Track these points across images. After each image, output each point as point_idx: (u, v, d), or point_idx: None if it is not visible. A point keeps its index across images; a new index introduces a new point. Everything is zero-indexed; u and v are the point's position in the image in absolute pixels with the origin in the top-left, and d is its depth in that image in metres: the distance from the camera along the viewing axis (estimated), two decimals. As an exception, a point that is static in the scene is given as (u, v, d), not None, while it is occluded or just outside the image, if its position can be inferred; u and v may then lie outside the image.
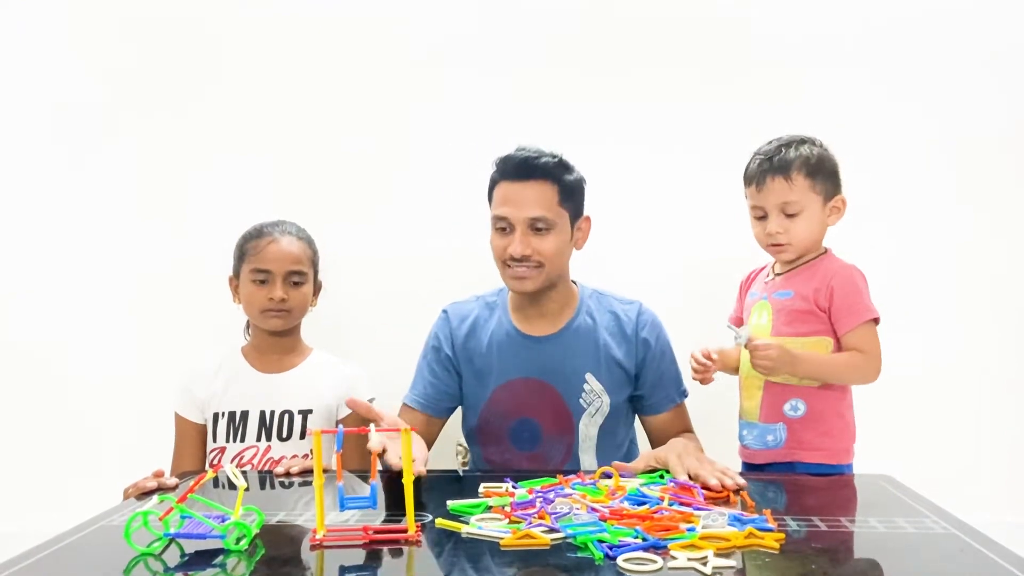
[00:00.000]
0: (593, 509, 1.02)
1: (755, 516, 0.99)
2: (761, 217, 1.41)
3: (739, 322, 1.53)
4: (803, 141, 1.39)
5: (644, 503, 1.06)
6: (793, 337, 1.37)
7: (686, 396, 1.58)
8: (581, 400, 1.51)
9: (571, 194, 1.49)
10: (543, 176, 1.45)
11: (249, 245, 1.59)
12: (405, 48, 2.04)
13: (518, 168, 1.45)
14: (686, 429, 1.56)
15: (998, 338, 2.01)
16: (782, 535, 0.92)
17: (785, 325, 1.39)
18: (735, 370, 1.49)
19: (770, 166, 1.37)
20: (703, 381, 1.44)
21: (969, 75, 2.00)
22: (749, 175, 1.41)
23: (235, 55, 2.05)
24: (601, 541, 0.90)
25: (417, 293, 1.85)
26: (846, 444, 1.39)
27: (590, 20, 2.03)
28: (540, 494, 1.11)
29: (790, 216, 1.37)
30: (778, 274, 1.45)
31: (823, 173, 1.38)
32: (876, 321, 1.36)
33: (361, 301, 1.99)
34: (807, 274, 1.40)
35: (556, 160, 1.46)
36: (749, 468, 1.45)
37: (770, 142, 1.41)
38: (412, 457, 0.98)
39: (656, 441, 1.57)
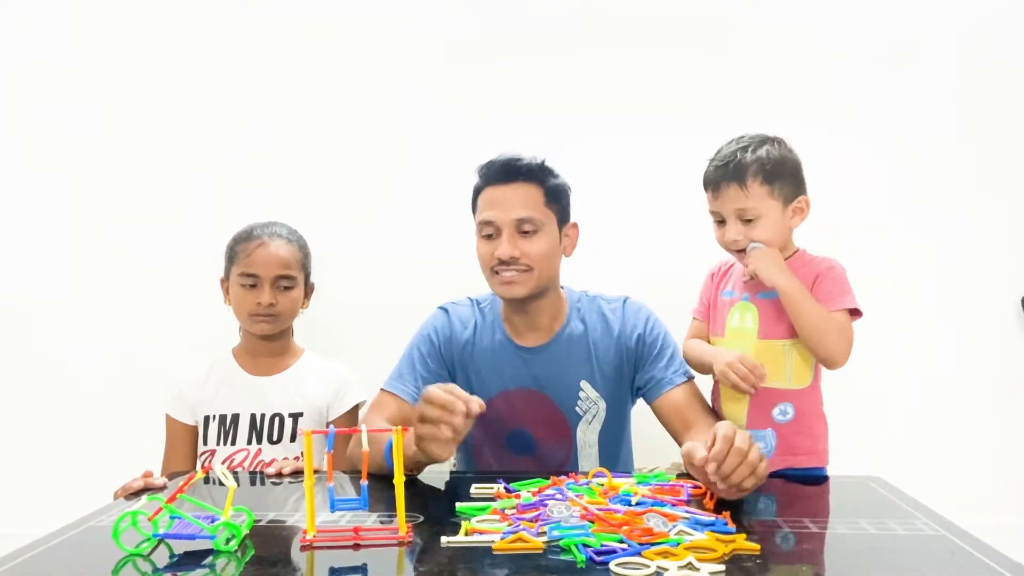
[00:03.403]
0: (591, 513, 1.01)
1: (715, 518, 0.99)
2: (720, 222, 1.36)
3: (705, 314, 1.48)
4: (762, 142, 1.33)
5: (629, 504, 1.06)
6: (779, 340, 1.34)
7: (691, 377, 1.47)
8: (577, 408, 1.49)
9: (556, 197, 1.47)
10: (527, 178, 1.44)
11: (239, 248, 1.58)
12: (405, 48, 2.04)
13: (501, 171, 1.44)
14: (702, 409, 1.43)
15: (995, 342, 2.02)
16: (757, 546, 0.90)
17: (773, 325, 1.35)
18: (709, 368, 1.42)
19: (725, 172, 1.31)
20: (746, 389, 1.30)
21: (970, 77, 2.02)
22: (706, 180, 1.36)
23: (235, 55, 2.06)
24: (586, 545, 0.89)
25: (415, 294, 1.84)
26: (826, 445, 1.38)
27: (590, 21, 2.04)
28: (544, 497, 1.10)
29: (747, 222, 1.32)
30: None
31: (782, 176, 1.31)
32: (857, 315, 1.33)
33: (359, 302, 2.00)
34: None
35: (539, 163, 1.46)
36: None
37: (729, 142, 1.36)
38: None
39: (672, 423, 1.44)
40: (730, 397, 1.39)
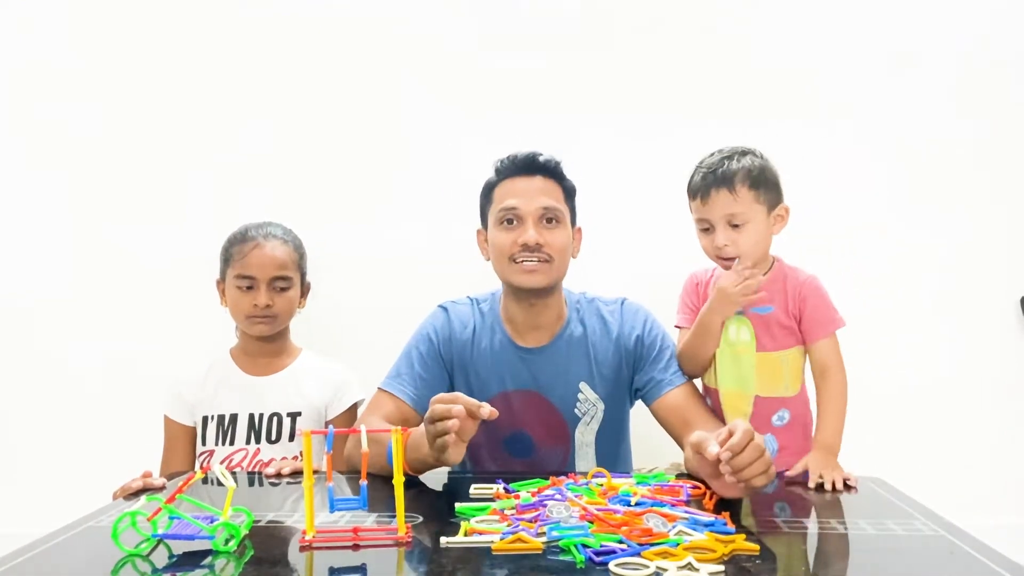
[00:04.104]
0: (590, 513, 1.01)
1: (714, 519, 0.99)
2: (706, 229, 1.39)
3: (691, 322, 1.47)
4: (744, 152, 1.38)
5: (628, 504, 1.06)
6: (775, 352, 1.39)
7: (691, 377, 1.48)
8: (576, 410, 1.49)
9: (571, 196, 1.51)
10: (548, 174, 1.47)
11: (234, 249, 1.58)
12: (405, 48, 2.04)
13: (525, 164, 1.47)
14: (702, 410, 1.42)
15: (995, 342, 2.02)
16: (756, 547, 0.90)
17: (768, 340, 1.39)
18: (702, 369, 1.46)
19: (714, 179, 1.35)
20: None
21: (970, 77, 2.02)
22: (693, 188, 1.40)
23: (235, 55, 2.05)
24: (585, 545, 0.89)
25: (414, 295, 1.84)
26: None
27: (590, 21, 2.04)
28: (544, 498, 1.10)
29: (735, 227, 1.36)
30: None
31: (766, 184, 1.37)
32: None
33: (358, 302, 1.99)
34: (776, 286, 1.39)
35: (558, 161, 1.49)
36: None
37: (712, 154, 1.40)
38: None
39: (672, 425, 1.43)
40: (731, 409, 1.42)
